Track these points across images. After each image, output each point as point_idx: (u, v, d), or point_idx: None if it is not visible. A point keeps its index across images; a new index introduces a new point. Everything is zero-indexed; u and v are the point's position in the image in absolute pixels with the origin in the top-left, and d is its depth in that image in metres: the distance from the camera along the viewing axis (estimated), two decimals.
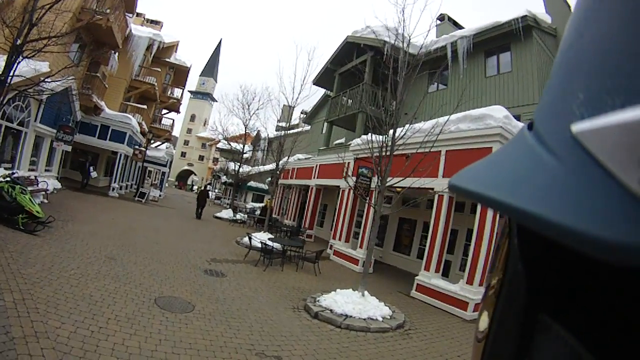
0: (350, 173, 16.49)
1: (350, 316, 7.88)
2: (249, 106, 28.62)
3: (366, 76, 19.80)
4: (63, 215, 12.46)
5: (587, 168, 0.25)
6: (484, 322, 0.45)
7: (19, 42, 11.11)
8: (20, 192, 9.87)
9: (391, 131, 10.92)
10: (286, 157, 18.77)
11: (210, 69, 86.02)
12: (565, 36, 0.37)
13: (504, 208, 0.29)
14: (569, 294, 0.31)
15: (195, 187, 71.33)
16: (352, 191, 16.09)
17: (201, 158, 79.93)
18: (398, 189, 10.46)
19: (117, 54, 24.02)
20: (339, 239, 16.36)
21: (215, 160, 69.71)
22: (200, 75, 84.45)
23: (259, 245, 12.26)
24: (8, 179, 10.32)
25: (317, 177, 20.82)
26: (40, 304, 5.39)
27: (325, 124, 27.41)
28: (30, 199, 10.02)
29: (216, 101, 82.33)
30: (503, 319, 0.41)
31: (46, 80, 12.79)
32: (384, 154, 10.12)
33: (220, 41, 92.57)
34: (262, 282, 9.82)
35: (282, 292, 9.27)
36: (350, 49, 21.71)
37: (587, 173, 0.25)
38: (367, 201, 13.68)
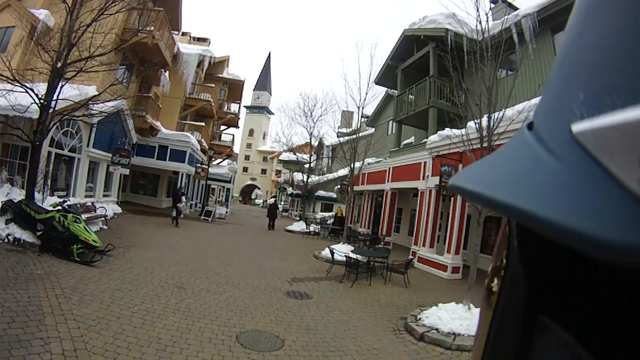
0: (429, 173, 15.27)
1: (460, 334, 6.83)
2: (311, 113, 27.93)
3: (431, 69, 18.44)
4: (124, 242, 11.88)
5: (587, 168, 0.25)
6: (484, 323, 0.45)
7: (59, 64, 10.74)
8: (73, 220, 9.29)
9: (484, 120, 9.63)
10: (360, 162, 17.60)
11: (263, 82, 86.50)
12: (565, 36, 0.36)
13: (504, 208, 0.30)
14: (569, 295, 0.31)
15: (260, 201, 71.72)
16: (432, 192, 14.87)
17: (263, 171, 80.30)
18: None
19: (167, 72, 23.89)
20: (423, 245, 15.07)
21: (278, 172, 69.75)
22: (254, 90, 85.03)
23: (343, 259, 11.25)
24: (59, 207, 9.95)
25: (391, 181, 19.61)
26: (96, 355, 4.55)
27: (393, 124, 26.22)
28: (85, 228, 9.44)
29: (273, 114, 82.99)
30: (503, 319, 0.40)
31: (95, 103, 12.43)
32: (477, 146, 8.81)
33: (270, 54, 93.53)
34: (352, 301, 8.78)
35: (376, 311, 8.21)
36: (409, 43, 20.41)
37: (587, 173, 0.25)
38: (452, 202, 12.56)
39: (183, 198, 19.82)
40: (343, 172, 32.96)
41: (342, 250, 12.70)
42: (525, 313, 0.34)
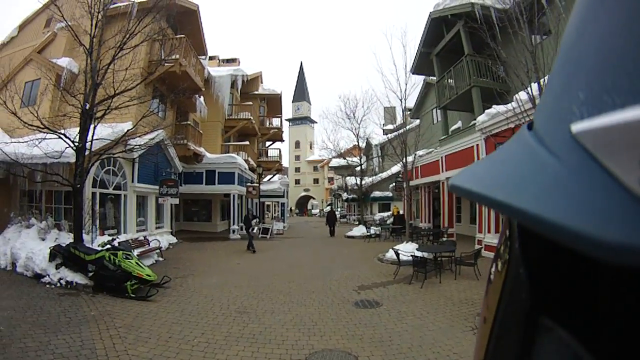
0: (484, 154, 14.62)
1: None
2: (354, 114, 27.62)
3: (466, 47, 17.71)
4: (181, 271, 11.86)
5: (587, 168, 0.26)
6: (486, 325, 0.45)
7: (87, 106, 10.91)
8: (124, 257, 9.21)
9: (534, 87, 9.14)
10: (412, 155, 17.04)
11: (300, 93, 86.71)
12: (566, 36, 0.37)
13: (504, 208, 0.30)
14: (570, 296, 0.31)
15: (316, 211, 71.70)
16: None
17: (316, 181, 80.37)
18: None
19: (202, 98, 24.15)
20: (488, 232, 14.39)
21: (330, 179, 69.63)
22: (292, 102, 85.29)
23: (409, 258, 10.86)
24: (108, 246, 9.96)
25: (446, 170, 18.91)
26: None
27: (437, 112, 25.51)
28: (137, 263, 9.38)
29: (315, 122, 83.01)
30: (505, 321, 0.41)
31: (132, 137, 12.62)
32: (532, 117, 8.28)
33: (301, 64, 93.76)
34: (424, 302, 8.38)
35: (451, 310, 7.77)
36: (438, 25, 19.70)
37: (587, 173, 0.26)
38: None
39: (254, 222, 19.16)
40: (396, 168, 32.44)
41: (407, 249, 12.29)
42: (526, 314, 0.35)
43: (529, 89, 9.98)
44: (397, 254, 11.32)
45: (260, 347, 5.93)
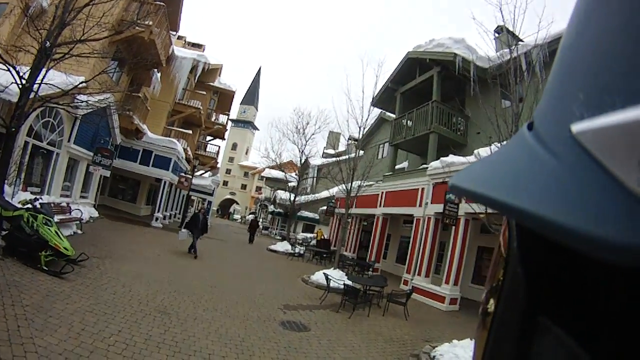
0: (428, 200, 14.74)
1: None
2: (304, 130, 27.26)
3: (434, 93, 18.05)
4: (100, 251, 10.66)
5: (587, 168, 0.26)
6: (484, 325, 0.45)
7: (48, 44, 9.68)
8: (43, 223, 7.99)
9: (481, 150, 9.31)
10: (359, 181, 16.66)
11: (251, 97, 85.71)
12: (565, 36, 0.37)
13: (504, 208, 0.30)
14: (568, 296, 0.31)
15: (238, 217, 70.45)
16: (431, 220, 14.29)
17: (243, 187, 78.96)
18: (481, 215, 8.93)
19: (159, 74, 22.82)
20: (418, 274, 14.36)
21: (259, 189, 68.76)
22: (240, 104, 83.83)
23: (339, 286, 10.46)
24: (29, 205, 8.57)
25: (384, 206, 18.90)
26: None
27: (384, 148, 25.76)
28: (57, 232, 8.17)
29: (258, 129, 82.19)
30: (503, 321, 0.41)
31: (82, 93, 11.39)
32: None
33: (260, 69, 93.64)
34: (353, 334, 7.97)
35: (383, 346, 7.48)
36: (412, 66, 20.02)
37: (587, 173, 0.26)
38: (453, 230, 11.99)
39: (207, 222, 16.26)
40: (326, 194, 32.35)
41: (334, 276, 11.86)
42: (525, 315, 0.35)
43: (492, 145, 10.20)
44: (327, 279, 10.82)
45: (185, 359, 5.18)
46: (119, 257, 10.63)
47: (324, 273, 11.84)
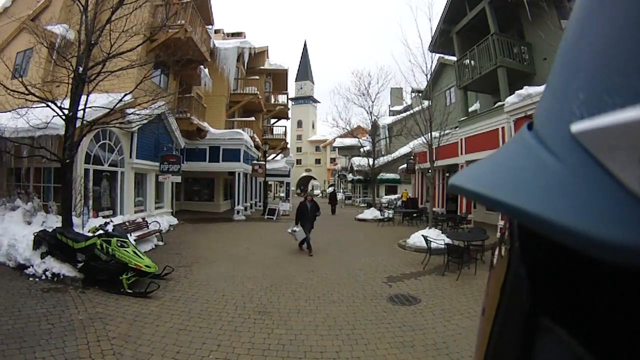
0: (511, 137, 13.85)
1: None
2: (367, 91, 26.54)
3: (492, 26, 16.80)
4: (185, 258, 10.64)
5: (587, 168, 0.26)
6: (486, 325, 0.45)
7: (80, 69, 9.67)
8: (118, 245, 7.87)
9: None
10: (435, 133, 15.81)
11: (304, 72, 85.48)
12: (566, 36, 0.37)
13: (504, 208, 0.30)
14: (570, 296, 0.31)
15: (318, 192, 71.12)
16: None
17: (317, 161, 79.39)
18: None
19: (206, 70, 22.81)
20: None
21: (333, 160, 68.76)
22: (295, 81, 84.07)
23: (440, 246, 10.13)
24: (100, 231, 8.33)
25: (466, 152, 18.04)
26: None
27: (451, 92, 24.59)
28: (134, 251, 8.06)
29: (319, 102, 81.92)
30: (505, 322, 0.41)
31: (131, 108, 11.54)
32: None
33: (305, 42, 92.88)
34: (466, 298, 7.61)
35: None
36: (461, 2, 18.76)
37: (587, 173, 0.26)
38: None
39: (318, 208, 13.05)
40: (404, 150, 31.53)
41: (432, 235, 11.45)
42: (527, 315, 0.35)
43: None
44: (427, 241, 10.44)
45: None
46: (206, 260, 10.69)
47: (422, 235, 11.47)
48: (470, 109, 20.97)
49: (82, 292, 7.39)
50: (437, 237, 11.37)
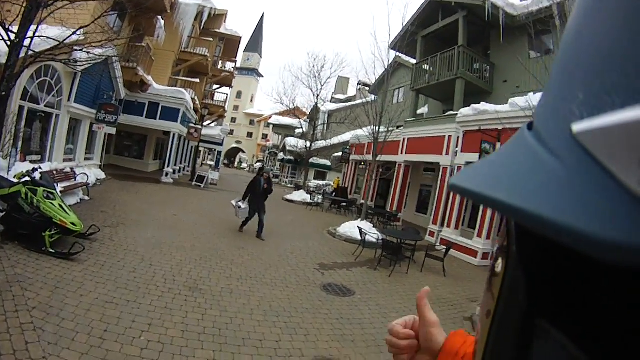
0: (458, 149, 14.13)
1: None
2: (320, 74, 26.14)
3: (461, 38, 17.07)
4: (111, 218, 9.73)
5: (587, 168, 0.26)
6: (482, 327, 0.45)
7: None
8: (44, 196, 6.88)
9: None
10: (382, 127, 15.66)
11: (254, 44, 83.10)
12: (565, 35, 0.37)
13: (504, 208, 0.30)
14: (568, 298, 0.31)
15: (245, 165, 70.08)
16: (461, 170, 13.73)
17: (249, 135, 77.99)
18: None
19: (163, 22, 21.10)
20: (447, 226, 13.84)
21: (265, 136, 67.97)
22: (244, 51, 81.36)
23: (374, 240, 9.99)
24: (27, 178, 7.22)
25: (406, 153, 18.17)
26: None
27: (400, 92, 24.84)
28: (61, 205, 7.05)
29: (262, 76, 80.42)
30: (501, 323, 0.41)
31: (81, 46, 10.08)
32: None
33: (263, 15, 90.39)
34: (399, 296, 7.55)
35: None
36: (435, 9, 18.87)
37: (587, 173, 0.26)
38: None
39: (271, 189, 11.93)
40: (342, 138, 31.57)
41: (364, 228, 11.32)
42: (524, 317, 0.35)
43: (528, 96, 10.19)
44: (362, 233, 10.29)
45: (236, 354, 4.42)
46: (133, 222, 9.83)
47: (357, 227, 11.31)
48: (418, 112, 21.25)
49: (0, 247, 6.24)
50: (370, 230, 11.29)
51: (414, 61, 21.39)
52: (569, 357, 0.28)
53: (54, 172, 10.94)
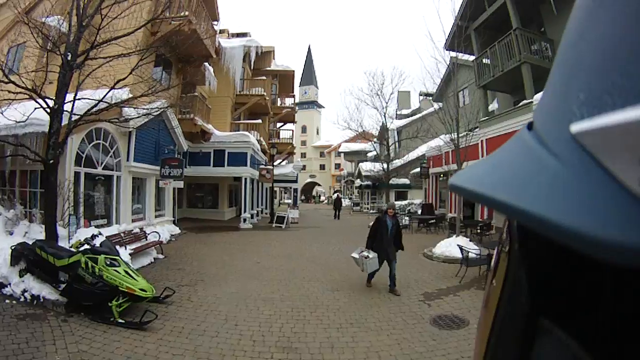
0: None
1: None
2: (382, 91, 25.49)
3: (513, 20, 16.04)
4: (188, 275, 9.37)
5: (587, 168, 0.26)
6: (485, 326, 0.46)
7: (69, 55, 8.45)
8: (107, 264, 6.55)
9: None
10: (464, 131, 14.99)
11: (308, 77, 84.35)
12: (566, 35, 0.37)
13: (504, 208, 0.30)
14: (570, 297, 0.32)
15: (324, 198, 70.13)
16: None
17: (322, 167, 78.35)
18: None
19: (212, 68, 21.47)
20: None
21: (338, 166, 67.92)
22: (300, 86, 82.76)
23: (474, 256, 9.25)
24: (85, 246, 6.97)
25: (487, 154, 16.99)
26: None
27: (466, 92, 23.75)
28: (127, 271, 6.72)
29: (323, 107, 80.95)
30: (504, 323, 0.41)
31: (129, 104, 10.32)
32: None
33: (310, 47, 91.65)
34: None
35: None
36: None
37: (587, 173, 0.26)
38: None
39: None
40: (414, 154, 30.58)
41: (463, 244, 10.41)
42: (526, 316, 0.35)
43: None
44: (463, 251, 9.44)
45: None
46: (212, 277, 9.44)
47: (458, 245, 10.43)
48: (489, 109, 20.11)
49: (64, 320, 6.12)
50: (469, 246, 10.40)
51: (472, 58, 20.40)
52: (572, 356, 0.28)
53: (122, 235, 10.93)
